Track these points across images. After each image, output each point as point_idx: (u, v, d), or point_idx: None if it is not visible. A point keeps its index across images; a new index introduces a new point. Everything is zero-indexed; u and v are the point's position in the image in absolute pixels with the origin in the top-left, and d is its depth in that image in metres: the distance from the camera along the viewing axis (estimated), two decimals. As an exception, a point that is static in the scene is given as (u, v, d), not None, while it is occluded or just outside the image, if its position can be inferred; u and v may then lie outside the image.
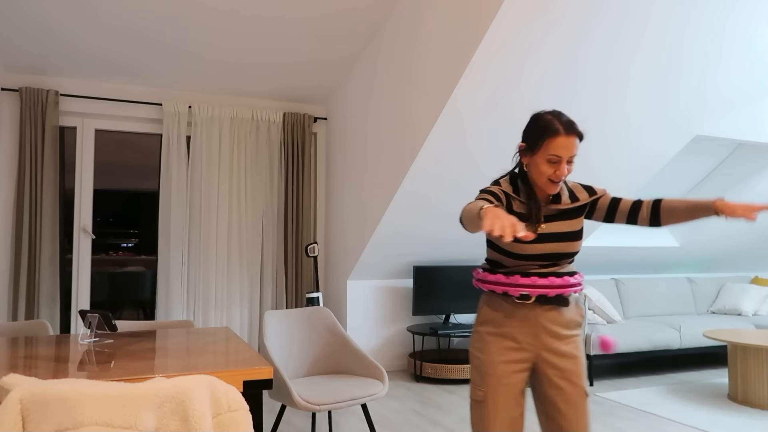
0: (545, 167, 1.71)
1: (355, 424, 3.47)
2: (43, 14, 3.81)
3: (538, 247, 1.76)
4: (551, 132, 1.69)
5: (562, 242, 1.78)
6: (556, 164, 1.70)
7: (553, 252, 1.77)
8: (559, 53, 3.34)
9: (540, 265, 1.79)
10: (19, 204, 4.31)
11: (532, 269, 1.79)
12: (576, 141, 1.69)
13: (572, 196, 1.82)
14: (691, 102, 4.03)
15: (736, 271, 6.56)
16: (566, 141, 1.68)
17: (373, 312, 4.95)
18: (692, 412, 3.72)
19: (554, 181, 1.71)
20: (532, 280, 1.76)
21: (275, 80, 4.85)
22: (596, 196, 1.84)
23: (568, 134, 1.68)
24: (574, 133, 1.69)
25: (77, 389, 1.21)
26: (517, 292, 1.77)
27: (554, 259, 1.79)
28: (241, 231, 4.92)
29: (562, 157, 1.68)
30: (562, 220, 1.80)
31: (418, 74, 3.75)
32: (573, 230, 1.79)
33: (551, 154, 1.69)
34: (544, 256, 1.77)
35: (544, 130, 1.71)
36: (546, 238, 1.77)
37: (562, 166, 1.69)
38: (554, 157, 1.69)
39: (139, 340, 2.23)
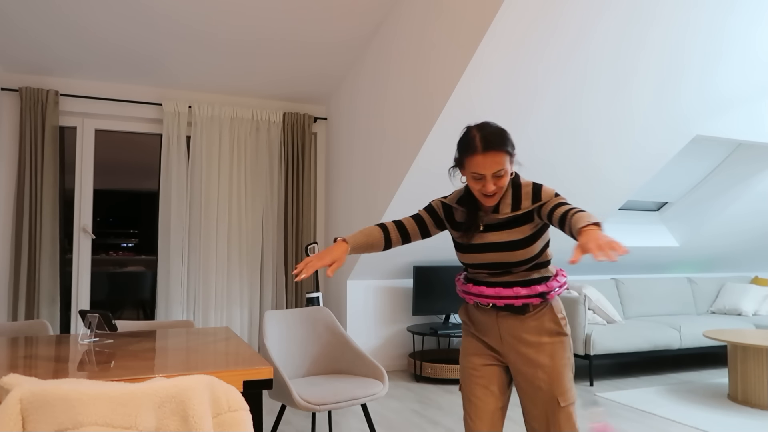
0: (472, 183, 1.69)
1: (355, 424, 3.47)
2: (43, 14, 3.81)
3: (477, 257, 1.77)
4: (469, 150, 1.65)
5: (502, 252, 1.73)
6: (481, 180, 1.65)
7: (495, 261, 1.74)
8: (562, 53, 3.34)
9: (488, 273, 1.78)
10: (19, 204, 4.31)
11: (482, 278, 1.80)
12: (499, 156, 1.62)
13: (515, 204, 1.73)
14: (691, 102, 4.03)
15: (736, 271, 6.56)
16: (484, 159, 1.62)
17: (373, 312, 4.95)
18: (692, 412, 3.72)
19: (485, 195, 1.68)
20: (480, 289, 1.77)
21: (275, 80, 4.85)
22: (539, 203, 1.70)
23: (485, 152, 1.61)
24: (493, 149, 1.61)
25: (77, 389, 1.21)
26: (471, 300, 1.81)
27: (501, 267, 1.75)
28: (241, 231, 4.92)
29: (484, 175, 1.64)
30: (504, 230, 1.74)
31: (418, 74, 3.75)
32: (515, 239, 1.72)
33: (472, 172, 1.66)
34: (487, 266, 1.76)
35: (464, 147, 1.67)
36: (485, 248, 1.75)
37: (487, 182, 1.64)
38: (476, 174, 1.65)
39: (139, 340, 2.23)
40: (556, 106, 3.73)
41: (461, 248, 1.81)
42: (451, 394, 4.17)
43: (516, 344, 1.76)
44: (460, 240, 1.81)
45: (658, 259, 5.87)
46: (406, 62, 3.89)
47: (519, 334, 1.76)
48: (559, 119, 3.84)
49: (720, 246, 5.90)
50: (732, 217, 5.50)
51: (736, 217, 5.51)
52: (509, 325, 1.77)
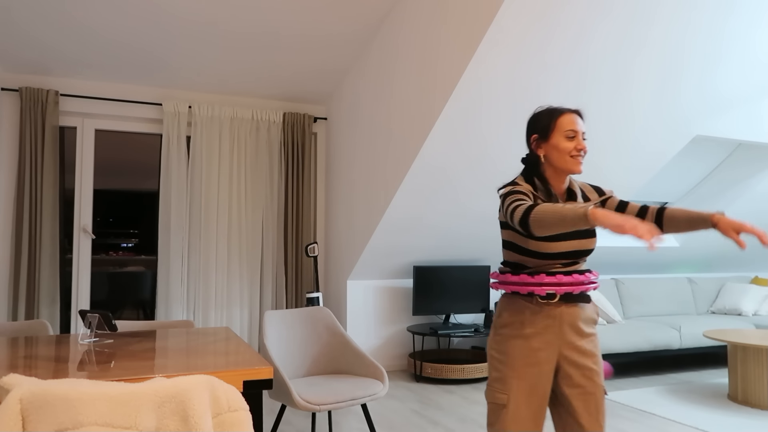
0: (565, 144, 1.76)
1: (355, 424, 3.47)
2: (43, 14, 3.81)
3: (563, 244, 1.77)
4: (558, 112, 1.79)
5: (582, 239, 1.79)
6: (573, 139, 1.76)
7: (576, 249, 1.79)
8: (563, 52, 3.34)
9: (563, 263, 1.80)
10: (19, 204, 4.31)
11: (555, 268, 1.79)
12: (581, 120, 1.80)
13: (584, 196, 1.87)
14: (691, 102, 4.03)
15: (736, 271, 6.56)
16: (576, 118, 1.78)
17: (373, 312, 4.95)
18: (692, 412, 3.72)
19: (576, 156, 1.76)
20: (557, 278, 1.76)
21: (275, 80, 4.85)
22: (605, 196, 1.88)
23: (574, 112, 1.79)
24: (577, 112, 1.80)
25: (77, 389, 1.21)
26: (543, 291, 1.75)
27: (576, 256, 1.80)
28: (241, 231, 4.92)
29: (576, 131, 1.76)
30: None
31: (418, 73, 3.75)
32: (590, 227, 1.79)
33: (567, 130, 1.76)
34: (568, 254, 1.78)
35: (549, 114, 1.81)
36: (569, 235, 1.77)
37: (579, 138, 1.76)
38: (570, 132, 1.76)
39: (139, 340, 2.23)
40: (557, 105, 3.73)
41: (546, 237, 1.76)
42: (451, 394, 4.17)
43: (574, 336, 1.79)
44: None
45: (658, 259, 5.87)
46: (406, 61, 3.89)
47: (578, 325, 1.80)
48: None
49: (720, 246, 5.90)
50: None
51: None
52: (573, 316, 1.79)
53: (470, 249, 4.94)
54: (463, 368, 4.49)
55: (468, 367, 4.49)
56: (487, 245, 4.93)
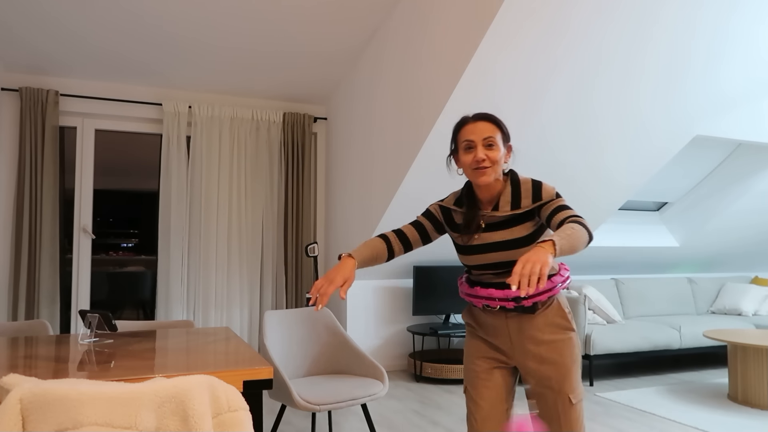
0: (465, 157, 1.71)
1: (355, 424, 3.47)
2: (43, 14, 3.81)
3: (480, 257, 1.74)
4: (459, 124, 1.74)
5: (504, 251, 1.71)
6: (472, 151, 1.69)
7: (499, 261, 1.72)
8: (564, 53, 3.34)
9: (494, 274, 1.74)
10: (19, 204, 4.31)
11: (487, 279, 1.76)
12: (489, 126, 1.69)
13: (515, 201, 1.72)
14: (693, 101, 4.03)
15: (736, 271, 6.56)
16: (474, 126, 1.70)
17: (373, 312, 4.95)
18: (692, 412, 3.72)
19: (478, 168, 1.68)
20: (488, 292, 1.73)
21: (275, 80, 4.85)
22: (540, 202, 1.69)
23: (475, 120, 1.71)
24: (482, 118, 1.70)
25: (77, 389, 1.21)
26: (479, 303, 1.76)
27: (505, 267, 1.73)
28: (241, 231, 4.92)
29: (474, 141, 1.68)
30: (505, 228, 1.72)
31: (418, 74, 3.75)
32: (516, 237, 1.70)
33: (463, 141, 1.70)
34: (491, 266, 1.73)
35: (455, 127, 1.76)
36: (486, 248, 1.72)
37: (477, 149, 1.67)
38: (467, 143, 1.69)
39: (139, 340, 2.23)
40: (558, 106, 3.73)
41: (463, 250, 1.79)
42: (451, 394, 4.17)
43: (526, 343, 1.73)
44: (460, 242, 1.79)
45: (658, 259, 5.86)
46: (407, 61, 3.89)
47: (529, 332, 1.73)
48: (560, 119, 3.84)
49: (720, 246, 5.90)
50: (732, 217, 5.50)
51: (736, 217, 5.51)
52: (519, 325, 1.74)
53: (470, 249, 4.93)
54: (463, 368, 4.48)
55: (468, 367, 4.49)
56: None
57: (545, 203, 1.68)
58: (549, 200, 1.68)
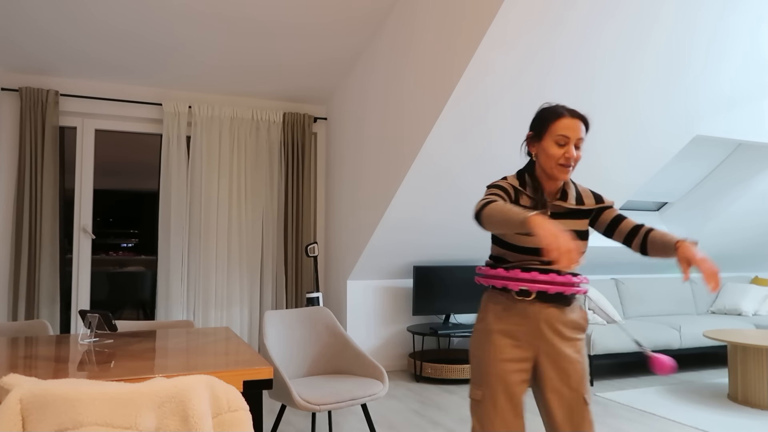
0: (554, 150, 1.72)
1: (355, 424, 3.47)
2: (43, 14, 3.81)
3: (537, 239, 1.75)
4: (556, 114, 1.73)
5: None
6: (564, 146, 1.71)
7: None
8: (564, 52, 3.34)
9: (542, 261, 1.75)
10: (19, 204, 4.31)
11: (533, 264, 1.75)
12: (581, 125, 1.72)
13: (579, 198, 1.81)
14: (693, 101, 4.03)
15: (736, 271, 6.56)
16: (571, 122, 1.71)
17: (373, 312, 4.95)
18: (692, 412, 3.72)
19: (564, 164, 1.71)
20: (532, 275, 1.72)
21: (275, 80, 4.85)
22: (603, 204, 1.84)
23: (572, 116, 1.72)
24: (579, 117, 1.72)
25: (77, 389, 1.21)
26: (516, 287, 1.73)
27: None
28: (241, 231, 4.92)
29: (569, 138, 1.70)
30: (568, 218, 1.79)
31: (418, 73, 3.75)
32: (577, 229, 1.78)
33: (558, 135, 1.71)
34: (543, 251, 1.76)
35: (549, 114, 1.75)
36: None
37: (570, 147, 1.70)
38: (561, 138, 1.70)
39: (139, 340, 2.23)
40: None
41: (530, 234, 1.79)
42: (451, 394, 4.17)
43: (553, 337, 1.74)
44: None
45: (659, 259, 5.86)
46: (407, 60, 3.89)
47: (557, 327, 1.75)
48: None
49: (720, 246, 5.90)
50: (732, 217, 5.50)
51: (736, 216, 5.50)
52: (550, 317, 1.74)
53: (471, 249, 4.94)
54: (463, 368, 4.49)
55: (468, 367, 4.49)
56: (488, 245, 4.93)
57: (607, 207, 1.84)
58: (610, 206, 1.85)
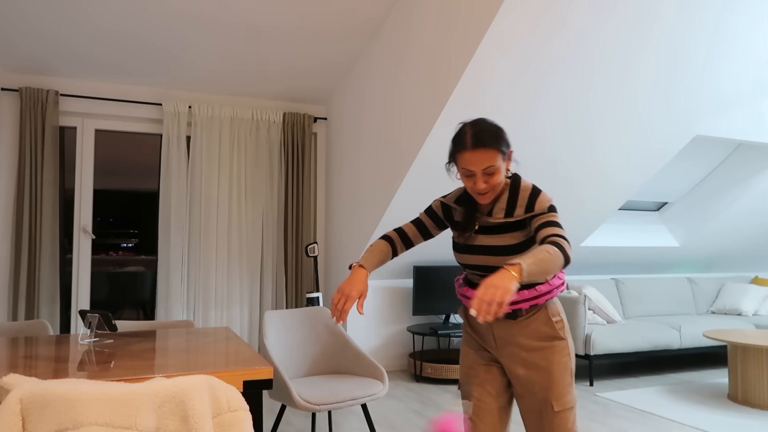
0: (464, 180, 1.65)
1: (355, 424, 3.47)
2: (43, 14, 3.81)
3: (470, 258, 1.75)
4: (459, 147, 1.60)
5: (491, 255, 1.69)
6: (471, 177, 1.61)
7: (485, 264, 1.72)
8: (564, 53, 3.34)
9: (480, 276, 1.75)
10: (19, 204, 4.31)
11: (476, 280, 1.77)
12: (489, 153, 1.57)
13: (509, 209, 1.68)
14: (692, 101, 4.03)
15: (736, 271, 6.56)
16: (473, 156, 1.57)
17: (373, 312, 4.95)
18: (692, 412, 3.72)
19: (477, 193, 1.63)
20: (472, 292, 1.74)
21: (275, 80, 4.85)
22: (531, 213, 1.65)
23: (475, 148, 1.57)
24: (483, 146, 1.56)
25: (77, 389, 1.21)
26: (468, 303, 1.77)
27: (491, 271, 1.72)
28: (241, 231, 4.92)
29: (474, 171, 1.59)
30: (495, 233, 1.70)
31: (418, 74, 3.75)
32: (504, 244, 1.68)
33: (463, 168, 1.61)
34: (478, 268, 1.74)
35: (455, 143, 1.63)
36: (477, 249, 1.73)
37: (477, 179, 1.60)
38: (466, 170, 1.61)
39: (139, 340, 2.23)
40: (558, 106, 3.73)
41: (457, 248, 1.80)
42: (451, 394, 4.17)
43: (510, 348, 1.73)
44: (457, 239, 1.81)
45: (658, 259, 5.86)
46: (407, 60, 3.89)
47: (513, 337, 1.72)
48: (560, 119, 3.84)
49: (720, 246, 5.90)
50: (732, 217, 5.50)
51: (736, 217, 5.50)
52: (503, 329, 1.73)
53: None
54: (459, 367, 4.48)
55: (468, 367, 4.49)
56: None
57: (536, 215, 1.64)
58: (540, 213, 1.64)
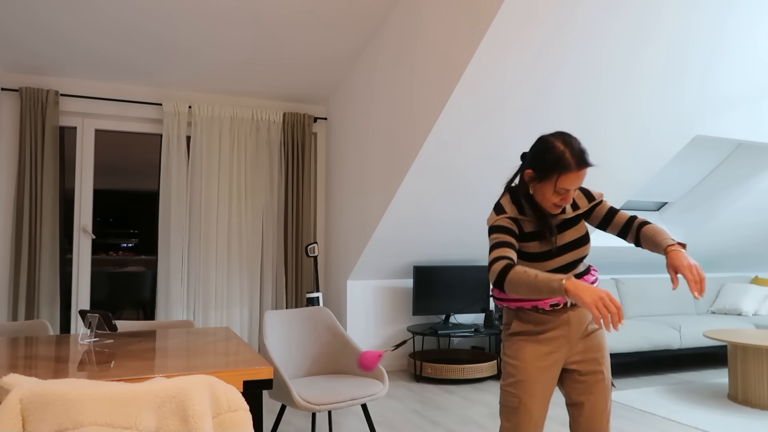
0: (552, 196, 1.70)
1: (355, 424, 3.47)
2: (43, 14, 3.81)
3: (557, 260, 1.80)
4: (563, 168, 1.64)
5: (575, 249, 1.82)
6: (563, 194, 1.69)
7: (572, 260, 1.82)
8: (564, 53, 3.34)
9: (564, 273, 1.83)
10: (19, 204, 4.31)
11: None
12: (585, 172, 1.67)
13: (574, 203, 1.84)
14: (692, 102, 4.03)
15: (736, 271, 6.56)
16: (577, 175, 1.65)
17: (373, 312, 4.95)
18: (692, 412, 3.72)
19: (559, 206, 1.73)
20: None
21: (275, 80, 4.85)
22: (595, 202, 1.86)
23: (580, 169, 1.64)
24: (586, 165, 1.65)
25: (77, 389, 1.21)
26: (547, 305, 1.80)
27: (575, 265, 1.84)
28: (241, 231, 4.92)
29: (569, 189, 1.67)
30: (569, 228, 1.83)
31: (418, 74, 3.75)
32: (581, 235, 1.84)
33: (561, 188, 1.66)
34: (564, 267, 1.82)
35: (555, 163, 1.65)
36: (562, 250, 1.80)
37: (569, 195, 1.69)
38: (563, 189, 1.67)
39: (139, 340, 2.23)
40: (558, 106, 3.73)
41: (543, 256, 1.79)
42: (451, 394, 4.17)
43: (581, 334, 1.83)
44: (540, 249, 1.79)
45: (659, 259, 5.86)
46: (407, 59, 3.89)
47: (585, 323, 1.84)
48: (561, 119, 3.84)
49: (720, 246, 5.90)
50: (732, 217, 5.50)
51: (736, 216, 5.51)
52: (578, 318, 1.82)
53: (470, 249, 4.94)
54: (463, 368, 4.49)
55: (468, 367, 4.49)
56: (488, 245, 4.93)
57: (599, 203, 1.86)
58: (600, 201, 1.86)
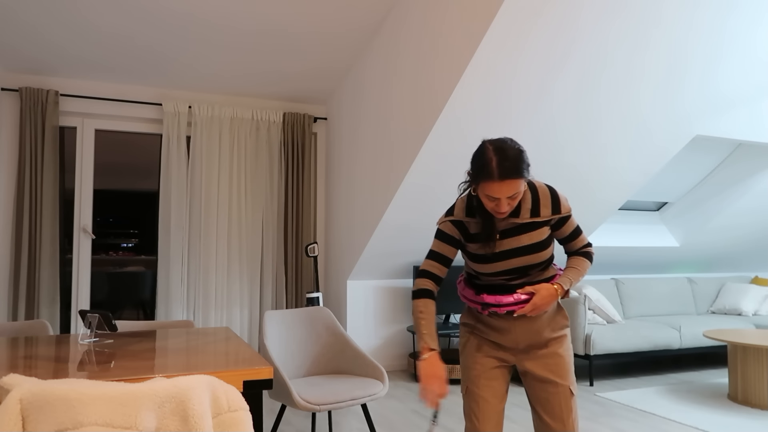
0: (486, 201, 1.63)
1: (355, 424, 3.47)
2: (43, 15, 3.81)
3: (499, 265, 1.73)
4: (486, 176, 1.57)
5: (524, 256, 1.72)
6: (495, 201, 1.60)
7: (518, 266, 1.73)
8: (564, 52, 3.34)
9: (507, 279, 1.76)
10: (19, 204, 4.31)
11: (499, 283, 1.78)
12: (512, 184, 1.56)
13: (534, 209, 1.71)
14: (692, 102, 4.03)
15: (736, 271, 6.56)
16: (500, 186, 1.56)
17: (373, 312, 4.95)
18: (692, 412, 3.72)
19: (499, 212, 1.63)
20: (496, 298, 1.74)
21: (275, 80, 4.85)
22: (560, 215, 1.73)
23: (502, 180, 1.55)
24: (509, 177, 1.55)
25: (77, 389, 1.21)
26: (485, 311, 1.77)
27: (522, 272, 1.74)
28: (241, 231, 4.92)
29: (498, 198, 1.59)
30: (523, 233, 1.71)
31: (418, 74, 3.75)
32: (536, 242, 1.72)
33: (486, 195, 1.60)
34: (507, 272, 1.74)
35: (479, 170, 1.59)
36: (506, 254, 1.72)
37: (501, 203, 1.60)
38: (490, 197, 1.60)
39: (139, 340, 2.23)
40: (558, 106, 3.73)
41: (481, 258, 1.74)
42: (451, 394, 4.17)
43: (533, 340, 1.79)
44: (479, 251, 1.74)
45: (658, 259, 5.86)
46: (407, 61, 3.89)
47: (535, 330, 1.79)
48: (560, 119, 3.84)
49: (720, 246, 5.90)
50: (732, 217, 5.50)
51: (736, 217, 5.51)
52: (525, 326, 1.78)
53: (470, 249, 4.93)
54: (461, 367, 4.48)
55: (468, 367, 4.49)
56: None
57: (565, 218, 1.76)
58: (567, 216, 1.76)
